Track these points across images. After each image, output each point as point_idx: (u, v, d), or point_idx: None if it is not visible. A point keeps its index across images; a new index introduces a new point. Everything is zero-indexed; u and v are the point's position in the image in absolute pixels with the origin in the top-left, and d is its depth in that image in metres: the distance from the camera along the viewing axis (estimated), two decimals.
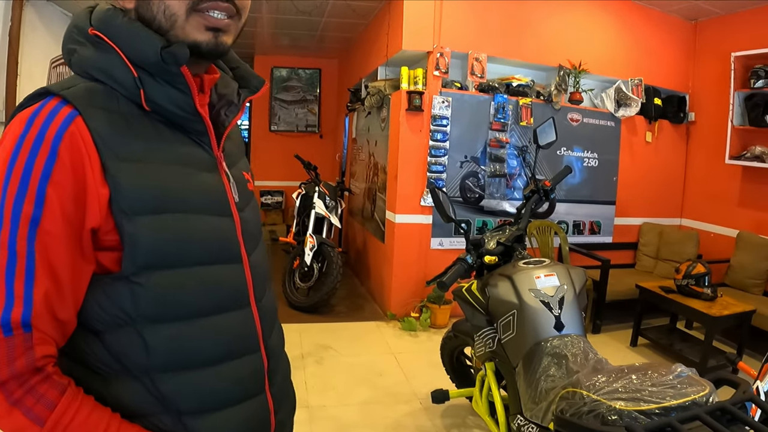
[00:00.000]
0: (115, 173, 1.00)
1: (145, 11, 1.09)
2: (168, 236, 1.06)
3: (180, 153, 1.14)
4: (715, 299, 5.04)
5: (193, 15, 1.08)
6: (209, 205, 1.17)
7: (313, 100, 11.05)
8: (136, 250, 1.01)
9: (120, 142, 1.03)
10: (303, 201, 7.50)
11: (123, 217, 1.00)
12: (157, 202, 1.05)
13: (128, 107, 1.08)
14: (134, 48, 1.06)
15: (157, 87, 1.09)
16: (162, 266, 1.05)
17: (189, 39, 1.09)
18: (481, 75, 6.13)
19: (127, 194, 1.01)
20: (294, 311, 6.30)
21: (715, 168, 6.88)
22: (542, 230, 6.25)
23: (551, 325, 2.27)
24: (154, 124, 1.11)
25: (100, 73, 1.07)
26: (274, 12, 7.67)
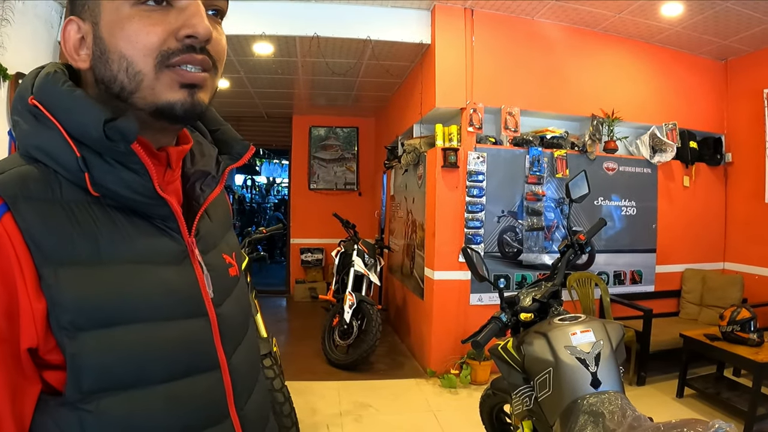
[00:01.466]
0: (53, 282, 0.83)
1: (103, 71, 0.93)
2: (121, 354, 0.88)
3: (139, 247, 0.95)
4: (762, 344, 4.92)
5: (163, 72, 0.92)
6: (175, 308, 0.98)
7: (351, 158, 11.19)
8: (80, 373, 0.84)
9: (59, 243, 0.85)
10: (342, 259, 7.54)
11: (64, 335, 0.83)
12: (107, 314, 0.87)
13: (73, 194, 0.90)
14: (75, 122, 0.89)
15: (106, 169, 0.91)
16: (115, 389, 0.87)
17: (160, 100, 0.92)
18: (515, 129, 6.17)
19: (67, 307, 0.83)
20: (333, 369, 6.30)
21: (755, 208, 6.80)
22: (582, 282, 6.20)
23: (588, 382, 2.24)
24: (107, 213, 0.93)
25: (39, 152, 0.90)
26: (309, 73, 7.84)
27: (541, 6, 5.94)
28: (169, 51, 0.91)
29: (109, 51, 0.91)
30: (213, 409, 1.03)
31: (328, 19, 6.05)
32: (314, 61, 7.14)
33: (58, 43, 5.76)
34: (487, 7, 6.05)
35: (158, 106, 0.93)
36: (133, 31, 0.89)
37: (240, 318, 1.18)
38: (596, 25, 6.41)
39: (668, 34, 6.51)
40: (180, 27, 0.91)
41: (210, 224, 1.16)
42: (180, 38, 0.91)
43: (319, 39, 6.13)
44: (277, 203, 18.28)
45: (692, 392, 5.49)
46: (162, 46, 0.90)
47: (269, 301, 10.57)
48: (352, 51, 6.74)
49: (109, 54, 0.91)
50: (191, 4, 0.92)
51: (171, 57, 0.91)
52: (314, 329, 7.66)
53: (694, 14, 5.91)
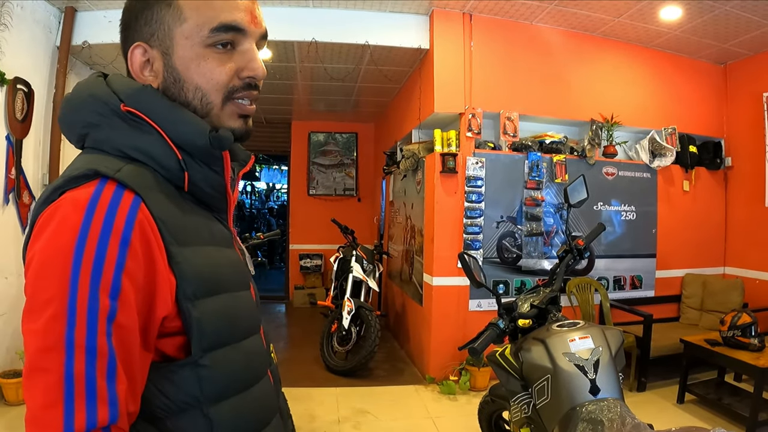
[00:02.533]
0: (180, 260, 0.99)
1: (176, 94, 1.11)
2: (224, 316, 1.08)
3: (213, 232, 1.15)
4: (763, 349, 4.91)
5: (228, 104, 1.14)
6: (241, 281, 1.20)
7: (350, 164, 11.19)
8: (203, 334, 1.01)
9: (177, 227, 1.02)
10: (341, 265, 7.52)
11: (188, 303, 0.99)
12: (212, 285, 1.06)
13: (169, 189, 1.07)
14: (179, 130, 1.06)
15: (197, 169, 1.10)
16: (221, 345, 1.06)
17: (223, 125, 1.14)
18: (514, 134, 6.16)
19: (190, 280, 1.00)
20: (332, 375, 6.27)
21: (756, 212, 6.80)
22: (582, 288, 6.17)
23: (586, 389, 2.21)
24: (190, 205, 1.11)
25: (139, 153, 1.04)
26: (308, 79, 7.84)
27: (539, 10, 5.93)
28: (234, 87, 1.13)
29: (184, 81, 1.10)
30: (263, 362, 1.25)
31: (327, 24, 6.04)
32: (313, 67, 7.13)
33: (56, 48, 5.78)
34: (486, 12, 6.04)
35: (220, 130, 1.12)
36: (209, 69, 1.10)
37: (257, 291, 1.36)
38: (595, 30, 6.40)
39: (667, 38, 6.50)
40: (243, 68, 1.13)
41: None
42: (242, 77, 1.14)
43: (318, 44, 6.12)
44: (272, 208, 18.28)
45: (693, 398, 5.46)
46: (229, 83, 1.12)
47: (268, 306, 10.58)
48: (351, 56, 6.73)
49: (185, 83, 1.10)
50: (250, 50, 1.14)
51: (235, 92, 1.14)
52: (313, 335, 7.65)
53: (693, 18, 5.90)
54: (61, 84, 5.77)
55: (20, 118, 5.23)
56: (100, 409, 0.84)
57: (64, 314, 0.84)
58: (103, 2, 5.72)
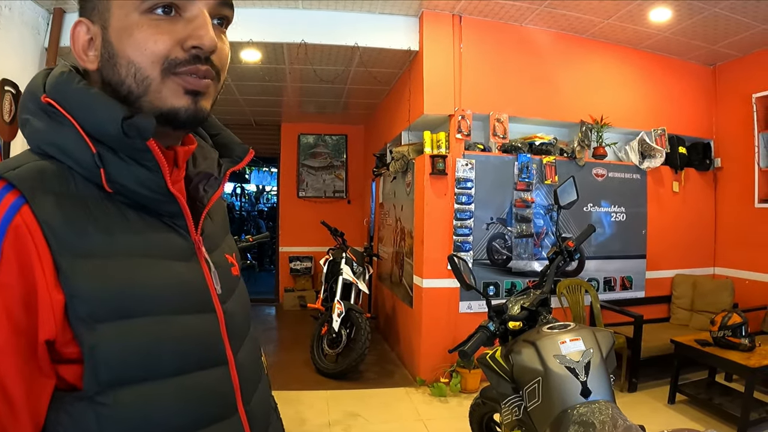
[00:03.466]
0: (71, 273, 0.83)
1: (111, 74, 0.96)
2: (137, 345, 0.89)
3: (150, 242, 0.98)
4: (753, 349, 4.93)
5: (169, 77, 0.95)
6: (186, 302, 1.00)
7: (340, 166, 11.17)
8: (98, 365, 0.85)
9: (76, 235, 0.86)
10: (331, 267, 7.51)
11: (82, 326, 0.84)
12: (123, 306, 0.89)
13: (87, 189, 0.92)
14: (92, 119, 0.92)
15: (120, 165, 0.94)
16: (132, 381, 0.88)
17: (165, 105, 0.96)
18: (504, 135, 6.15)
19: (86, 298, 0.84)
20: (322, 378, 6.25)
21: (745, 213, 6.83)
22: (572, 289, 6.17)
23: (578, 391, 2.20)
24: (119, 209, 0.95)
25: (54, 148, 0.92)
26: (298, 81, 7.82)
27: (529, 12, 5.93)
28: (176, 60, 0.95)
29: (118, 56, 0.95)
30: (222, 404, 1.04)
31: (316, 25, 6.02)
32: (302, 68, 7.11)
33: (45, 50, 5.74)
34: (475, 13, 6.03)
35: (163, 111, 0.96)
36: (142, 38, 0.93)
37: (243, 315, 1.20)
38: (585, 31, 6.41)
39: (657, 39, 6.52)
40: (187, 37, 0.95)
41: (212, 225, 1.20)
42: (186, 48, 0.95)
43: (307, 46, 6.11)
44: (262, 211, 18.25)
45: (684, 398, 5.48)
46: (169, 55, 0.94)
47: (258, 309, 10.55)
48: (340, 58, 6.71)
49: (118, 59, 0.95)
50: (199, 16, 0.97)
51: (177, 66, 0.95)
52: (303, 338, 7.62)
53: (683, 19, 5.91)
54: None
55: (8, 120, 5.19)
56: None
57: None
58: None
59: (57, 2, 5.63)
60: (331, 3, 5.87)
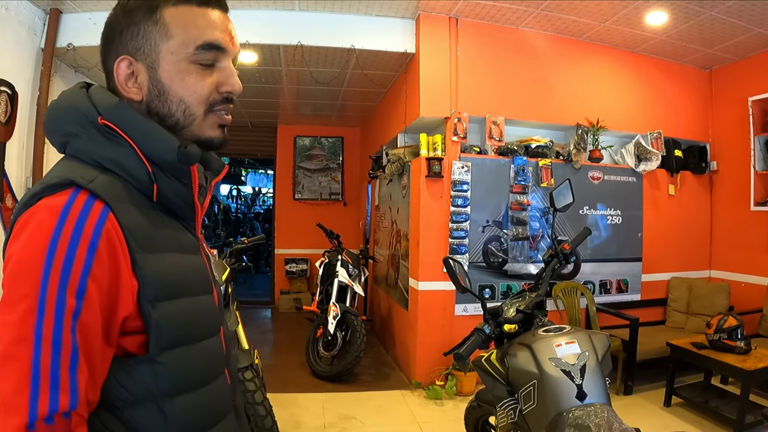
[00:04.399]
0: (143, 265, 1.08)
1: (159, 107, 1.20)
2: (184, 319, 1.16)
3: (180, 240, 1.24)
4: (749, 352, 4.92)
5: (209, 114, 1.24)
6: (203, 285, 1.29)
7: (336, 168, 11.17)
8: (160, 334, 1.10)
9: (143, 235, 1.10)
10: (326, 269, 7.49)
11: (148, 305, 1.08)
12: (173, 289, 1.15)
13: (140, 199, 1.15)
14: (149, 145, 1.15)
15: (166, 181, 1.18)
16: (178, 345, 1.14)
17: (204, 135, 1.25)
18: (500, 138, 6.15)
19: (152, 284, 1.09)
20: (317, 380, 6.24)
21: (741, 216, 6.83)
22: (568, 292, 6.17)
23: (573, 394, 2.20)
24: (159, 214, 1.19)
25: (113, 164, 1.13)
26: (294, 83, 7.81)
27: (525, 15, 5.93)
28: (215, 101, 1.24)
29: (168, 94, 1.20)
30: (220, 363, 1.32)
31: (312, 27, 6.01)
32: (298, 70, 7.10)
33: (41, 50, 5.72)
34: (472, 16, 6.03)
35: (201, 138, 1.25)
36: (192, 83, 1.20)
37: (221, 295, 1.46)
38: (581, 35, 6.41)
39: (653, 43, 6.52)
40: (222, 83, 1.25)
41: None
42: (221, 92, 1.25)
43: (303, 48, 6.10)
44: (259, 213, 18.22)
45: (680, 401, 5.47)
46: (210, 97, 1.23)
47: (254, 312, 10.53)
48: (337, 60, 6.70)
49: (168, 96, 1.20)
50: (229, 66, 1.26)
51: (215, 105, 1.25)
52: (299, 340, 7.61)
53: (679, 23, 5.92)
54: (46, 86, 5.70)
55: (4, 120, 5.17)
56: (61, 397, 0.94)
57: (35, 310, 0.94)
58: (88, 4, 5.67)
59: (54, 3, 5.61)
60: (327, 5, 5.86)
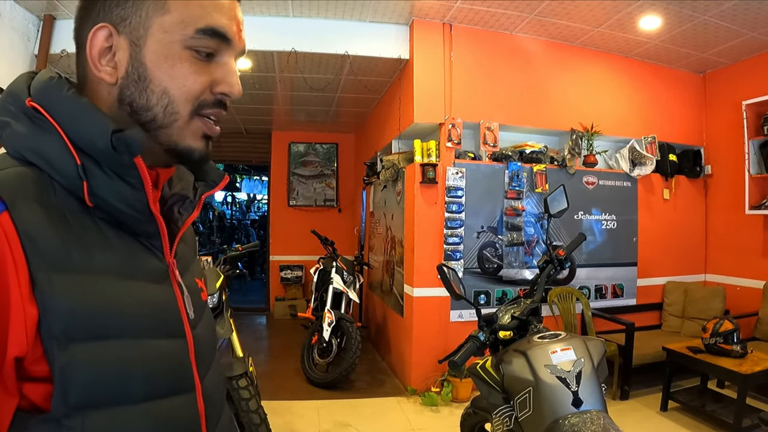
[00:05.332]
0: (47, 288, 0.79)
1: (135, 96, 0.94)
2: (110, 369, 0.85)
3: (126, 261, 0.94)
4: (745, 356, 4.92)
5: (195, 118, 0.97)
6: (159, 326, 0.97)
7: (330, 175, 11.16)
8: (68, 386, 0.80)
9: (55, 248, 0.82)
10: (321, 276, 7.48)
11: (54, 344, 0.79)
12: (98, 326, 0.84)
13: (66, 201, 0.87)
14: (80, 130, 0.88)
15: (103, 179, 0.90)
16: (102, 405, 0.84)
17: (183, 143, 0.98)
18: (494, 144, 6.15)
19: (60, 315, 0.80)
20: (312, 387, 6.21)
21: (736, 220, 6.85)
22: (563, 297, 6.16)
23: (569, 401, 2.19)
24: (96, 224, 0.91)
25: (35, 155, 0.88)
26: (288, 89, 7.81)
27: (519, 21, 5.94)
28: (205, 102, 0.98)
29: (151, 81, 0.93)
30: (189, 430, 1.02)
31: (306, 34, 6.01)
32: (292, 77, 7.09)
33: (34, 56, 5.70)
34: (466, 22, 6.04)
35: (179, 148, 0.98)
36: (183, 74, 0.94)
37: (211, 341, 1.18)
38: (575, 40, 6.42)
39: (647, 47, 6.53)
40: (219, 82, 0.98)
41: (184, 248, 1.16)
42: (215, 92, 0.98)
43: (297, 54, 6.10)
44: (253, 220, 18.21)
45: (676, 405, 5.47)
46: (201, 96, 0.97)
47: (249, 318, 10.52)
48: (331, 66, 6.70)
49: (151, 84, 0.93)
50: (230, 62, 1.00)
51: (204, 107, 0.98)
52: (294, 347, 7.57)
53: (673, 28, 5.93)
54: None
55: None
56: None
57: None
58: None
59: (47, 9, 5.60)
60: (321, 11, 5.86)
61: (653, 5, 5.44)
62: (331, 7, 5.75)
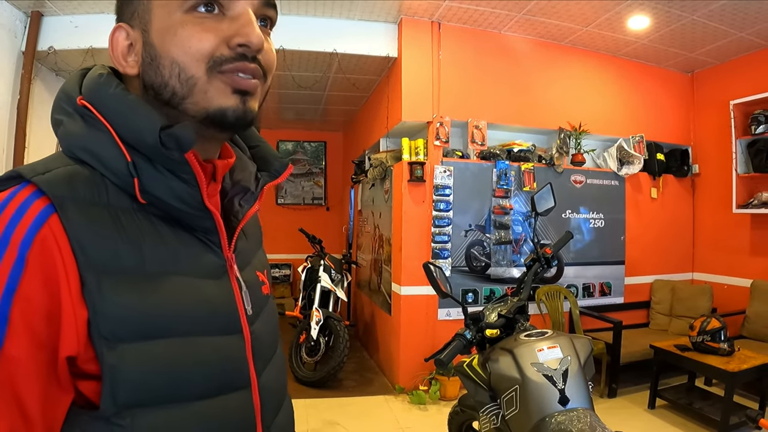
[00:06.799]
0: (96, 290, 0.78)
1: (153, 77, 0.91)
2: (160, 368, 0.84)
3: (181, 258, 0.92)
4: (732, 354, 4.94)
5: (216, 76, 0.90)
6: (213, 323, 0.95)
7: (318, 173, 11.16)
8: (117, 385, 0.79)
9: (105, 249, 0.80)
10: (309, 274, 7.45)
11: (103, 345, 0.78)
12: (148, 326, 0.83)
13: (119, 199, 0.86)
14: (129, 126, 0.87)
15: (155, 176, 0.88)
16: (152, 404, 0.83)
17: (212, 105, 0.90)
18: (482, 142, 6.15)
19: (109, 317, 0.79)
20: (300, 386, 6.18)
21: (723, 218, 6.89)
22: (551, 295, 6.17)
23: (555, 399, 2.18)
24: (151, 221, 0.89)
25: (87, 154, 0.86)
26: (276, 87, 7.79)
27: (508, 19, 5.94)
28: (222, 57, 0.89)
29: (161, 57, 0.89)
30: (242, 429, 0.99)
31: (294, 31, 5.99)
32: (280, 75, 7.06)
33: (21, 53, 5.66)
34: (455, 21, 6.03)
35: (210, 112, 0.91)
36: (186, 36, 0.88)
37: (271, 336, 1.16)
38: (563, 39, 6.43)
39: (635, 47, 6.55)
40: (233, 35, 0.90)
41: (245, 241, 1.14)
42: (232, 46, 0.90)
43: (285, 52, 6.07)
44: None
45: (664, 403, 5.48)
46: (215, 53, 0.89)
47: None
48: (319, 64, 6.68)
49: (161, 60, 0.89)
50: (244, 14, 0.91)
51: (223, 64, 0.90)
52: (282, 346, 7.54)
53: (661, 27, 5.94)
54: (26, 90, 5.64)
55: None
56: None
57: None
58: (70, 7, 5.61)
59: (34, 5, 5.56)
60: (310, 9, 5.84)
61: (642, 5, 5.46)
62: (319, 5, 5.74)
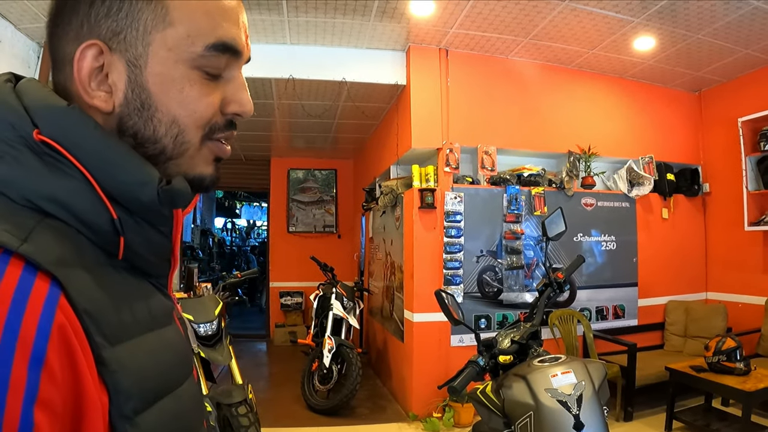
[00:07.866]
0: (115, 367, 0.68)
1: (142, 128, 0.79)
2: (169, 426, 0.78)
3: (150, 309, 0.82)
4: (749, 373, 4.89)
5: (206, 144, 0.85)
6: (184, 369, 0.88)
7: (329, 201, 11.17)
8: None
9: (106, 318, 0.69)
10: (321, 302, 7.44)
11: (125, 423, 0.68)
12: (155, 389, 0.76)
13: (96, 257, 0.74)
14: (117, 178, 0.75)
15: (135, 230, 0.79)
16: None
17: (194, 171, 0.85)
18: (492, 168, 6.16)
19: (130, 393, 0.69)
20: (313, 414, 6.16)
21: (735, 237, 6.83)
22: (564, 319, 6.14)
23: (570, 425, 2.17)
24: (121, 275, 0.78)
25: (53, 205, 0.71)
26: (286, 116, 7.84)
27: (514, 45, 5.97)
28: (216, 125, 0.85)
29: (158, 110, 0.80)
30: None
31: (304, 60, 6.04)
32: (290, 104, 7.12)
33: None
34: (462, 47, 6.07)
35: (188, 176, 0.84)
36: (194, 98, 0.81)
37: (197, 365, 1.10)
38: (570, 62, 6.45)
39: (641, 68, 6.57)
40: (228, 101, 0.86)
41: None
42: (226, 113, 0.86)
43: (295, 81, 6.12)
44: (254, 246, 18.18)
45: (681, 425, 5.42)
46: (212, 119, 0.84)
47: (249, 345, 10.48)
48: (328, 93, 6.73)
49: (157, 113, 0.80)
50: (239, 77, 0.88)
51: (216, 132, 0.86)
52: (294, 373, 7.53)
53: (666, 47, 5.96)
54: None
55: None
56: None
57: None
58: None
59: None
60: (318, 38, 5.89)
61: (647, 26, 5.48)
62: (328, 34, 5.78)
